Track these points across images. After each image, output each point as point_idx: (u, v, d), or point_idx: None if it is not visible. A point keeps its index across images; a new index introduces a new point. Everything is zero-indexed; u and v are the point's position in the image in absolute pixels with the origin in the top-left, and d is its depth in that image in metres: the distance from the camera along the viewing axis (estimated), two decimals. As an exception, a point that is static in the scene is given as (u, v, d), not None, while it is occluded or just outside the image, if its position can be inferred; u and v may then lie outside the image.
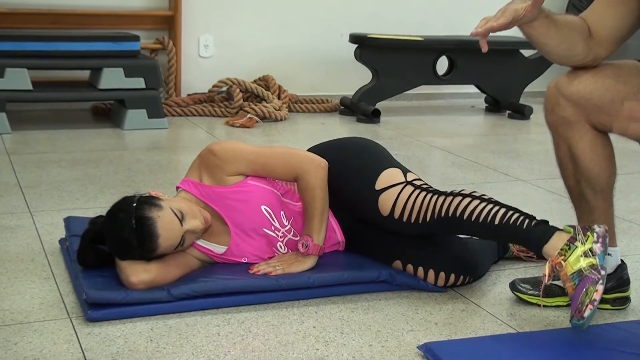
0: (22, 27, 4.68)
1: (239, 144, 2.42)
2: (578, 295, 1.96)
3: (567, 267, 2.01)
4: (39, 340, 1.95)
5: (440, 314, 2.20)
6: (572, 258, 2.02)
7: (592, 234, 2.05)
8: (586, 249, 2.03)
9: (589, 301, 1.93)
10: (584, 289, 1.96)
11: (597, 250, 2.02)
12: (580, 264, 2.01)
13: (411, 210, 2.27)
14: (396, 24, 5.45)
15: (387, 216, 2.30)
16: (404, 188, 2.31)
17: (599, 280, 1.97)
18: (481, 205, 2.19)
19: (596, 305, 1.93)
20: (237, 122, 4.67)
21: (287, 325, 2.10)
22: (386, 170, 2.36)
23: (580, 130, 2.14)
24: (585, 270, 2.00)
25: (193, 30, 5.16)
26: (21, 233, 2.70)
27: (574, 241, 2.04)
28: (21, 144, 4.03)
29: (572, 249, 2.03)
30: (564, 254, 2.03)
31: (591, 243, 2.04)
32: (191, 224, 2.17)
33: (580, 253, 2.02)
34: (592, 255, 2.02)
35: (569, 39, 2.07)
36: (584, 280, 1.98)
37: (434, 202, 2.25)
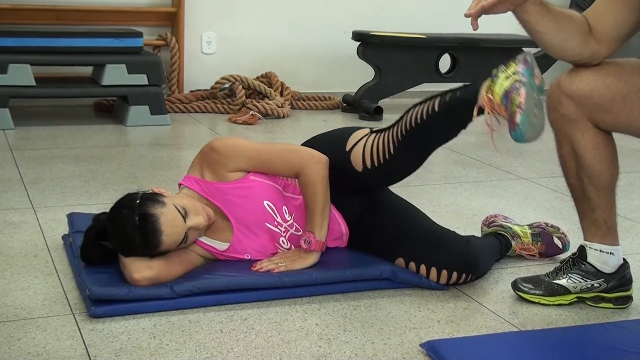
0: (25, 23, 4.68)
1: (240, 140, 2.42)
2: (507, 110, 1.95)
3: (496, 97, 2.01)
4: (42, 336, 1.96)
5: (443, 312, 2.21)
6: (497, 86, 2.03)
7: (514, 61, 2.04)
8: (509, 73, 2.02)
9: (516, 107, 1.92)
10: (509, 101, 1.95)
11: (520, 69, 2.01)
12: (504, 85, 2.01)
13: (377, 152, 2.30)
14: (399, 22, 5.44)
15: (362, 170, 2.33)
16: (368, 137, 2.36)
17: (520, 87, 1.95)
18: (421, 106, 2.25)
19: (525, 108, 1.91)
20: (240, 119, 4.67)
21: (290, 323, 2.10)
22: (354, 132, 2.41)
23: (582, 128, 2.14)
24: (508, 88, 2.00)
25: (196, 26, 5.16)
26: (24, 229, 2.70)
27: (497, 75, 2.05)
28: (24, 139, 4.04)
29: (495, 81, 2.04)
30: (490, 89, 2.04)
31: (514, 67, 2.03)
32: (194, 220, 2.18)
33: (503, 79, 2.02)
34: (515, 75, 2.01)
35: (565, 30, 2.07)
36: (508, 94, 1.97)
37: (391, 133, 2.30)
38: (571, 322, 2.20)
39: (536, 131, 2.00)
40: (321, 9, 5.46)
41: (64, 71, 4.75)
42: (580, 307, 2.28)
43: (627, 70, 2.11)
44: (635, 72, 2.11)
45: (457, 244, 2.37)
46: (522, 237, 2.61)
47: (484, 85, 2.12)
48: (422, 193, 3.33)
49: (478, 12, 2.00)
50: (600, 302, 2.28)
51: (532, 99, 1.95)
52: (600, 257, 2.23)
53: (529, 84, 1.97)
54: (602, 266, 2.24)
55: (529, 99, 1.92)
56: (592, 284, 2.25)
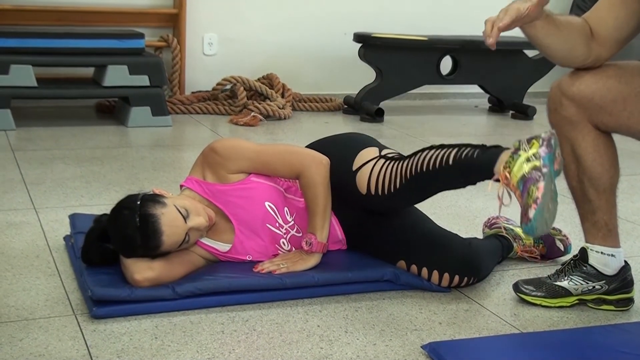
0: (26, 24, 4.68)
1: (241, 141, 2.42)
2: (523, 200, 1.91)
3: (513, 178, 1.97)
4: (44, 337, 1.96)
5: (444, 314, 2.21)
6: (516, 167, 1.98)
7: (538, 140, 2.00)
8: (530, 155, 1.98)
9: (532, 201, 1.87)
10: (526, 191, 1.91)
11: (542, 153, 1.97)
12: (523, 169, 1.96)
13: (383, 182, 2.28)
14: (400, 24, 5.45)
15: (366, 194, 2.32)
16: (376, 162, 2.33)
17: (539, 179, 1.91)
18: (436, 152, 2.21)
19: (540, 204, 1.86)
20: (241, 121, 4.67)
21: (292, 324, 2.10)
22: (362, 150, 2.38)
23: (582, 130, 2.14)
24: (527, 174, 1.95)
25: (197, 28, 5.17)
26: (26, 230, 2.70)
27: (517, 151, 2.01)
28: (26, 140, 4.04)
29: (515, 159, 2.00)
30: (509, 165, 2.00)
31: (536, 148, 1.99)
32: (195, 221, 2.18)
33: (523, 160, 1.98)
34: (536, 159, 1.96)
35: (570, 40, 2.08)
36: (526, 183, 1.93)
37: (400, 167, 2.27)
38: (572, 324, 2.20)
39: (546, 226, 1.96)
40: (322, 10, 5.47)
41: (66, 72, 4.75)
42: (581, 309, 2.28)
43: (628, 72, 2.12)
44: (636, 74, 2.12)
45: (458, 246, 2.37)
46: (523, 239, 2.61)
47: (503, 157, 2.06)
48: (424, 195, 3.32)
49: (496, 36, 1.99)
50: (601, 304, 2.28)
51: (549, 192, 1.91)
52: (601, 259, 2.24)
53: (548, 175, 1.93)
54: (603, 268, 2.24)
55: (546, 193, 1.89)
56: (594, 286, 2.25)
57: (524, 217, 1.88)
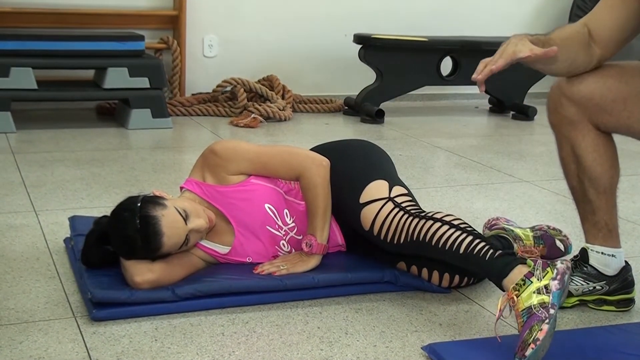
0: (27, 26, 4.68)
1: (241, 143, 2.42)
2: (523, 333, 1.87)
3: (520, 303, 1.93)
4: (44, 339, 1.96)
5: (445, 315, 2.21)
6: (525, 294, 1.93)
7: (552, 270, 1.95)
8: (541, 286, 1.93)
9: (532, 340, 1.83)
10: (529, 327, 1.87)
11: (553, 288, 1.92)
12: (532, 300, 1.91)
13: (387, 229, 2.26)
14: (400, 25, 5.45)
15: (367, 230, 2.30)
16: (385, 205, 2.28)
17: (545, 319, 1.87)
18: (449, 232, 2.16)
19: (539, 345, 1.83)
20: (241, 122, 4.67)
21: (292, 326, 2.10)
22: (373, 182, 2.33)
23: (582, 130, 2.14)
24: (534, 308, 1.90)
25: (197, 30, 5.17)
26: (26, 232, 2.70)
27: (530, 276, 1.95)
28: (26, 143, 4.04)
29: (526, 285, 1.94)
30: (519, 289, 1.94)
31: (548, 279, 1.94)
32: (195, 222, 2.18)
33: (534, 289, 1.93)
34: (546, 293, 1.92)
35: (570, 56, 2.08)
36: (531, 318, 1.88)
37: (408, 224, 2.23)
38: (573, 325, 2.20)
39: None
40: (322, 12, 5.47)
41: (66, 74, 4.75)
42: (582, 310, 2.28)
43: (628, 72, 2.12)
44: (636, 74, 2.12)
45: (458, 247, 2.36)
46: (524, 239, 2.60)
47: (515, 276, 1.99)
48: (424, 196, 3.32)
49: (485, 77, 1.99)
50: (602, 305, 2.27)
51: (550, 335, 1.88)
52: (602, 259, 2.23)
53: (553, 319, 1.89)
54: (603, 268, 2.24)
55: (547, 337, 1.86)
56: (594, 287, 2.25)
57: (520, 352, 1.85)
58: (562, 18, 5.83)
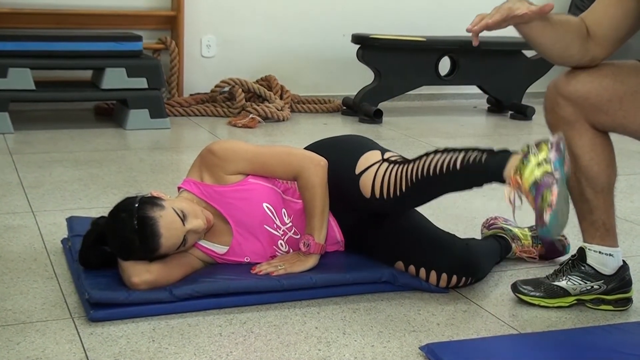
0: (25, 27, 4.68)
1: (239, 143, 2.42)
2: (537, 205, 1.93)
3: (525, 183, 1.98)
4: (41, 340, 1.95)
5: (442, 315, 2.20)
6: (527, 172, 1.99)
7: (547, 144, 2.02)
8: (540, 160, 1.99)
9: (547, 205, 1.90)
10: (540, 196, 1.93)
11: (552, 157, 1.98)
12: (535, 174, 1.97)
13: (388, 185, 2.28)
14: (398, 25, 5.44)
15: (370, 198, 2.31)
16: (380, 166, 2.32)
17: (552, 183, 1.93)
18: (443, 156, 2.22)
19: (555, 208, 1.89)
20: (240, 122, 4.67)
21: (289, 326, 2.10)
22: (365, 154, 2.38)
23: (579, 129, 2.14)
24: (539, 179, 1.96)
25: (195, 30, 5.16)
26: (24, 233, 2.70)
27: (527, 156, 2.02)
28: (24, 143, 4.04)
29: (525, 164, 2.01)
30: (519, 170, 2.01)
31: (546, 153, 2.00)
32: (193, 223, 2.18)
33: (534, 164, 1.99)
34: (547, 163, 1.98)
35: (565, 38, 2.08)
36: (539, 188, 1.94)
37: (405, 171, 2.27)
38: (571, 325, 2.20)
39: (561, 228, 1.99)
40: (321, 12, 5.47)
41: (64, 75, 4.75)
42: (580, 310, 2.27)
43: (624, 71, 2.12)
44: (632, 73, 2.12)
45: (456, 246, 2.36)
46: (522, 239, 2.61)
47: (513, 163, 2.06)
48: (422, 196, 3.32)
49: (481, 29, 2.00)
50: (600, 304, 2.27)
51: (563, 196, 1.94)
52: (599, 258, 2.23)
53: (561, 179, 1.95)
54: (601, 268, 2.24)
55: (560, 197, 1.91)
56: (592, 286, 2.25)
57: (540, 220, 1.91)
58: (560, 18, 5.83)
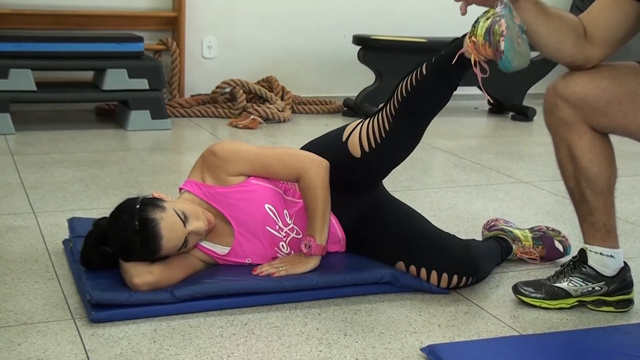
0: (25, 28, 4.68)
1: (241, 144, 2.42)
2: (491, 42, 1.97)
3: (479, 39, 2.01)
4: (42, 341, 1.96)
5: (444, 316, 2.20)
6: (479, 29, 2.02)
7: (493, 7, 2.03)
8: (488, 15, 2.02)
9: (499, 36, 1.94)
10: (490, 32, 1.97)
11: (499, 10, 1.99)
12: (485, 25, 2.00)
13: (373, 132, 2.33)
14: (400, 26, 5.45)
15: (360, 156, 2.35)
16: (363, 123, 2.40)
17: (499, 20, 1.96)
18: (409, 75, 2.30)
19: (507, 35, 1.92)
20: (241, 123, 4.68)
21: (291, 327, 2.10)
22: (349, 124, 2.45)
23: (578, 131, 2.14)
24: (488, 26, 1.99)
25: (196, 31, 5.17)
26: (25, 234, 2.70)
27: (477, 21, 2.05)
28: (25, 144, 4.04)
29: (476, 26, 2.04)
30: (473, 34, 2.04)
31: (492, 11, 2.02)
32: (194, 225, 2.18)
33: (483, 22, 2.02)
34: (494, 15, 2.00)
35: (559, 30, 2.07)
36: (489, 29, 1.98)
37: (384, 111, 2.34)
38: (572, 326, 2.19)
39: (522, 59, 2.00)
40: (322, 12, 5.47)
41: (65, 76, 4.76)
42: (581, 311, 2.27)
43: (622, 73, 2.12)
44: (630, 74, 2.11)
45: (457, 246, 2.36)
46: (523, 240, 2.60)
47: (466, 35, 2.12)
48: (423, 197, 3.33)
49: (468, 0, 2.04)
50: (601, 306, 2.27)
51: (514, 28, 1.96)
52: (600, 260, 2.23)
53: (508, 15, 1.98)
54: (602, 269, 2.24)
55: (510, 27, 1.95)
56: (593, 287, 2.25)
57: (497, 54, 1.96)
58: (561, 19, 5.83)
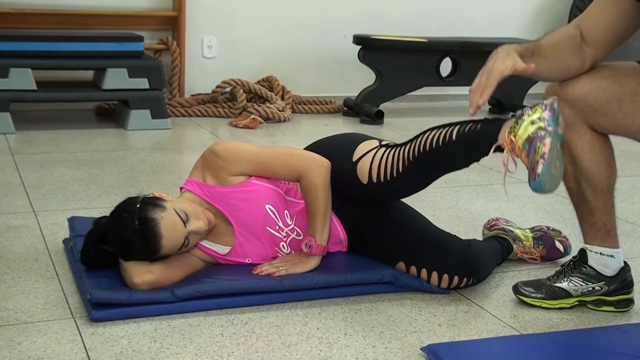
0: (26, 27, 4.68)
1: (242, 144, 2.42)
2: (529, 157, 1.92)
3: (518, 141, 1.97)
4: (42, 340, 1.96)
5: (444, 316, 2.20)
6: (521, 130, 1.98)
7: (541, 106, 2.00)
8: (534, 118, 1.97)
9: (539, 156, 1.88)
10: (532, 149, 1.91)
11: (546, 116, 1.96)
12: (529, 131, 1.96)
13: (385, 167, 2.29)
14: (400, 25, 5.45)
15: (367, 183, 2.32)
16: (377, 151, 2.34)
17: (545, 136, 1.91)
18: (439, 131, 2.23)
19: (547, 159, 1.87)
20: (241, 123, 4.68)
21: (291, 326, 2.10)
22: (362, 143, 2.40)
23: (578, 131, 2.14)
24: (532, 134, 1.95)
25: (197, 30, 5.17)
26: (25, 233, 2.70)
27: (521, 117, 2.01)
28: (25, 144, 4.04)
29: (519, 123, 2.00)
30: (513, 130, 2.00)
31: (540, 113, 1.98)
32: (195, 225, 2.18)
33: (527, 123, 1.97)
34: (541, 121, 1.96)
35: (562, 61, 2.09)
36: (532, 142, 1.93)
37: (402, 151, 2.28)
38: (572, 326, 2.20)
39: (555, 183, 1.96)
40: (322, 12, 5.47)
41: (65, 75, 4.75)
42: (581, 311, 2.27)
43: (622, 73, 2.11)
44: (630, 75, 2.11)
45: (458, 247, 2.36)
46: (523, 240, 2.60)
47: (507, 125, 2.07)
48: (423, 197, 3.32)
49: (484, 103, 2.03)
50: (601, 306, 2.27)
51: (555, 149, 1.92)
52: (600, 259, 2.23)
53: (554, 133, 1.93)
54: (602, 269, 2.24)
55: (552, 149, 1.89)
56: (594, 287, 2.25)
57: (532, 173, 1.89)
58: (562, 19, 5.82)
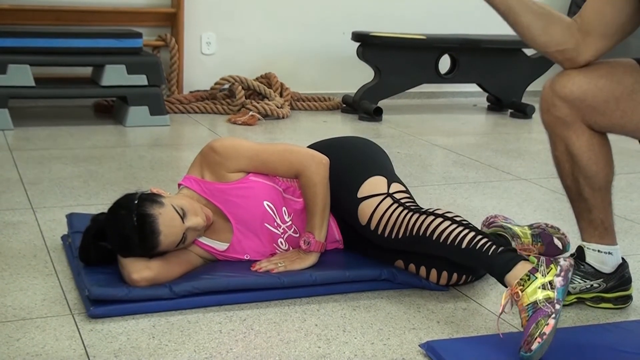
0: (24, 23, 4.68)
1: (240, 140, 2.42)
2: (529, 327, 1.90)
3: (524, 298, 1.95)
4: (41, 337, 1.95)
5: (442, 313, 2.21)
6: (530, 289, 1.96)
7: (556, 267, 1.98)
8: (546, 282, 1.96)
9: (538, 334, 1.86)
10: (535, 321, 1.90)
11: (558, 284, 1.95)
12: (537, 295, 1.94)
13: (386, 224, 2.26)
14: (399, 22, 5.44)
15: (364, 225, 2.30)
16: (383, 200, 2.29)
17: (551, 314, 1.90)
18: (451, 227, 2.16)
19: (545, 339, 1.86)
20: (239, 120, 4.67)
21: (289, 323, 2.10)
22: (371, 177, 2.35)
23: (577, 130, 2.13)
24: (540, 302, 1.93)
25: (195, 27, 5.16)
26: (23, 229, 2.70)
27: (535, 272, 1.98)
28: (23, 140, 4.04)
29: (531, 280, 1.97)
30: (523, 284, 1.97)
31: (552, 275, 1.96)
32: (193, 221, 2.18)
33: (539, 285, 1.95)
34: (551, 289, 1.95)
35: (544, 16, 2.06)
36: (537, 312, 1.91)
37: (407, 219, 2.23)
38: (571, 323, 2.20)
39: (541, 356, 1.92)
40: (321, 9, 5.47)
41: (64, 72, 4.75)
42: (580, 308, 2.28)
43: (620, 71, 2.10)
44: (627, 73, 2.10)
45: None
46: (522, 237, 2.60)
47: (519, 271, 2.00)
48: (422, 194, 3.32)
49: None
50: (600, 303, 2.27)
51: (554, 331, 1.91)
52: (598, 257, 2.23)
53: (559, 314, 1.91)
54: (600, 266, 2.24)
55: (552, 332, 1.89)
56: (592, 284, 2.25)
57: (526, 345, 1.88)
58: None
